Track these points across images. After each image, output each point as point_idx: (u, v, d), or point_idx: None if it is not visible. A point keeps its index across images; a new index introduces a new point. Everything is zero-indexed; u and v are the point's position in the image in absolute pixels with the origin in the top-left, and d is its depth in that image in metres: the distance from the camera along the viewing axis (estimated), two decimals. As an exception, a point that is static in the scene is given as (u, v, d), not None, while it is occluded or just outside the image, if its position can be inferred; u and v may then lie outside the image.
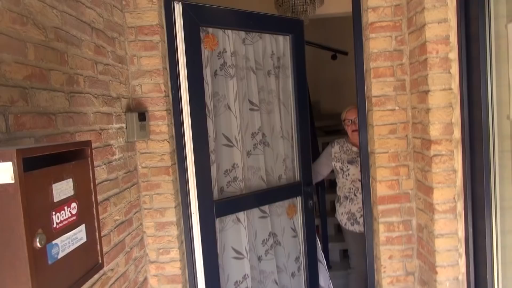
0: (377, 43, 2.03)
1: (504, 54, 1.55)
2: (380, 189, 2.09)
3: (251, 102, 2.53)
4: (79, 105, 1.49)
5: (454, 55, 1.77)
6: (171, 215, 2.13)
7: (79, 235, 1.05)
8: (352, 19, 2.14)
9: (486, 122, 1.64)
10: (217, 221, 2.36)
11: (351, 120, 2.88)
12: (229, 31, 2.40)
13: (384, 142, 2.06)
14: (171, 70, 2.13)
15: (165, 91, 2.09)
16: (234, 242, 2.47)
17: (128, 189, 1.96)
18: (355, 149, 2.90)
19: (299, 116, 2.71)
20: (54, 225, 0.94)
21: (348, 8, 2.24)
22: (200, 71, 2.24)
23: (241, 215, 2.49)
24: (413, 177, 2.08)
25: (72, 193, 1.01)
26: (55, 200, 0.94)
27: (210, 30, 2.31)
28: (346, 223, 2.97)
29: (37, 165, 0.91)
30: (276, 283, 2.67)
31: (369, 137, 2.17)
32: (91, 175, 1.10)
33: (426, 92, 1.81)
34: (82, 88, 1.53)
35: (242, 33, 2.47)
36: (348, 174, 2.89)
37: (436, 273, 1.86)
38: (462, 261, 1.85)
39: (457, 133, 1.80)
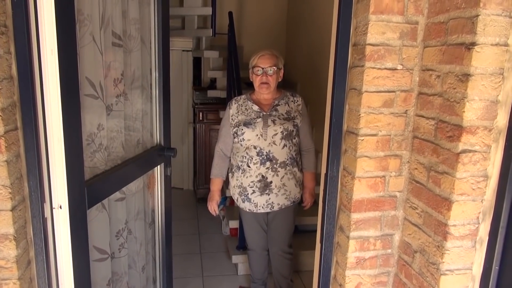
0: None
1: None
2: (359, 190, 1.37)
3: (114, 34, 1.66)
4: None
5: (523, -14, 1.05)
6: (5, 224, 1.18)
7: None
8: None
9: None
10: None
11: (263, 69, 2.20)
12: None
13: (375, 119, 1.32)
14: None
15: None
16: (96, 238, 1.65)
17: None
18: (256, 107, 2.28)
19: (163, 59, 1.99)
20: None
21: None
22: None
23: (106, 199, 1.69)
24: (405, 174, 1.39)
25: None
26: None
27: None
28: (237, 198, 2.39)
29: None
30: (127, 284, 1.98)
31: (348, 108, 1.40)
32: None
33: (468, 46, 1.08)
34: None
35: None
36: (243, 139, 2.24)
37: (433, 322, 1.24)
38: (470, 306, 1.25)
39: (502, 119, 1.12)
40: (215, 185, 2.44)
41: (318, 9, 3.85)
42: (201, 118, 4.37)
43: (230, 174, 2.41)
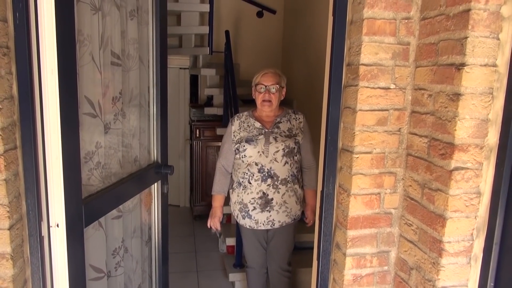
0: (378, -22, 1.26)
1: None
2: (355, 207, 1.38)
3: (113, 54, 1.69)
4: None
5: (510, 9, 1.09)
6: (3, 243, 1.18)
7: None
8: None
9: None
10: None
11: (266, 87, 2.22)
12: None
13: (369, 137, 1.35)
14: (9, -29, 1.12)
15: (-7, 11, 1.08)
16: (93, 257, 1.65)
17: None
18: (258, 124, 2.28)
19: (160, 77, 2.01)
20: None
21: None
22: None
23: (102, 217, 1.69)
24: (400, 191, 1.41)
25: None
26: None
27: None
28: (238, 214, 2.37)
29: None
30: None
31: (343, 126, 1.43)
32: None
33: (458, 66, 1.11)
34: None
35: None
36: (245, 155, 2.24)
37: None
38: (466, 323, 1.26)
39: (492, 136, 1.15)
40: (217, 202, 2.43)
41: (313, 29, 3.92)
42: (198, 135, 4.38)
43: (230, 190, 2.41)
